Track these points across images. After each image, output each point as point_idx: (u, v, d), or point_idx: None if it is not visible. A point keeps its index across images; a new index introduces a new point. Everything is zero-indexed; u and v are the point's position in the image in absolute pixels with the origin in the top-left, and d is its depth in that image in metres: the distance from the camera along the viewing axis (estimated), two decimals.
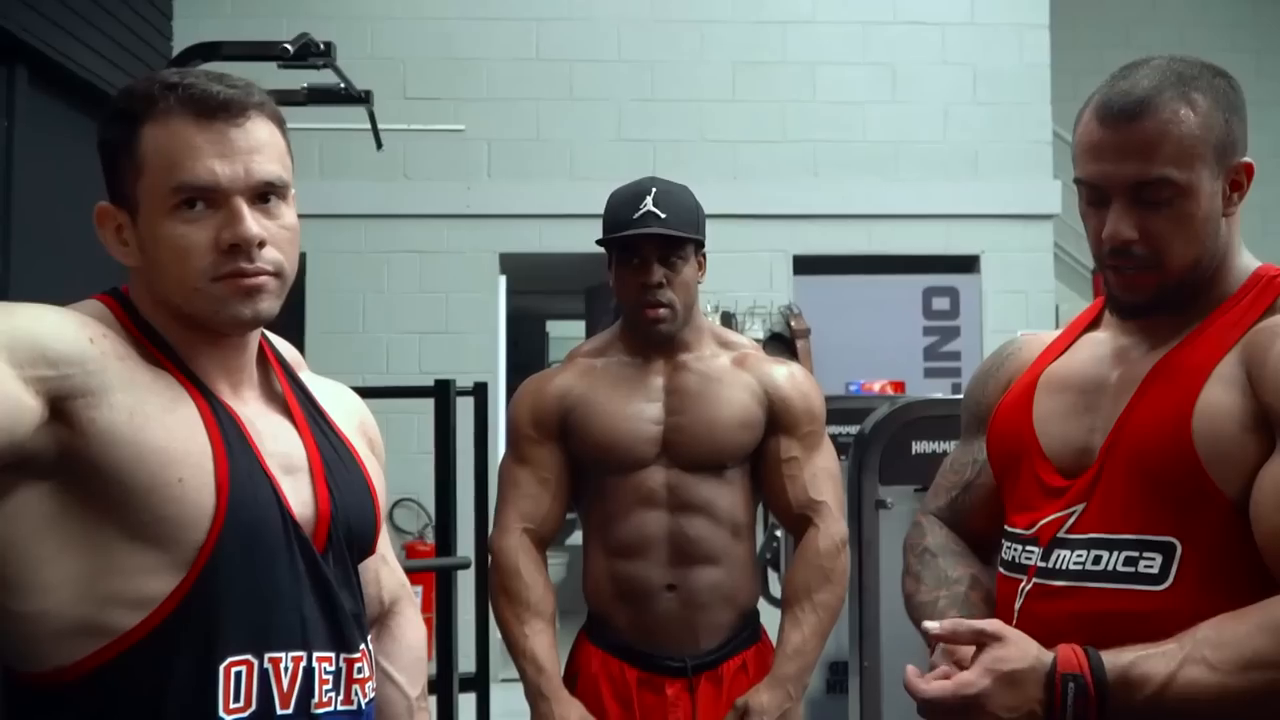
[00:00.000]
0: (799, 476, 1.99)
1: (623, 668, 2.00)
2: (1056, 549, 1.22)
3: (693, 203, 2.02)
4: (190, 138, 1.04)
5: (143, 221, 1.07)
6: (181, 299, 1.08)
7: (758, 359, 2.08)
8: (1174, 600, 1.13)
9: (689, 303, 2.00)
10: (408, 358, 5.66)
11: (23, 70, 2.94)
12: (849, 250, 5.96)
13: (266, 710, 1.06)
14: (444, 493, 3.13)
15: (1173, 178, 1.16)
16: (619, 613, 2.01)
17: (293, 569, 1.10)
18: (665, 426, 2.00)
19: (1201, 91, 1.18)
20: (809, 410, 2.03)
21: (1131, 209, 1.18)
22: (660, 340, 2.02)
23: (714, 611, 1.99)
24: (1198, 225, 1.18)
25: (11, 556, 1.00)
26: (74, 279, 1.24)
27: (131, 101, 1.07)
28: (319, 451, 1.17)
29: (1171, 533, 1.15)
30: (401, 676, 1.34)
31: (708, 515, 1.98)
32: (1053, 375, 1.32)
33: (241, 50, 3.17)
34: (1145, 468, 1.17)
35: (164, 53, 3.59)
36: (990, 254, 5.96)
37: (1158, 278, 1.19)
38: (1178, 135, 1.16)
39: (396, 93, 5.61)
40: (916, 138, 5.98)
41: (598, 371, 2.06)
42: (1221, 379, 1.14)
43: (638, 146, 5.81)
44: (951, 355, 5.91)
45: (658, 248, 1.96)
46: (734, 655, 2.01)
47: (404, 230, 5.74)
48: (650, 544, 1.97)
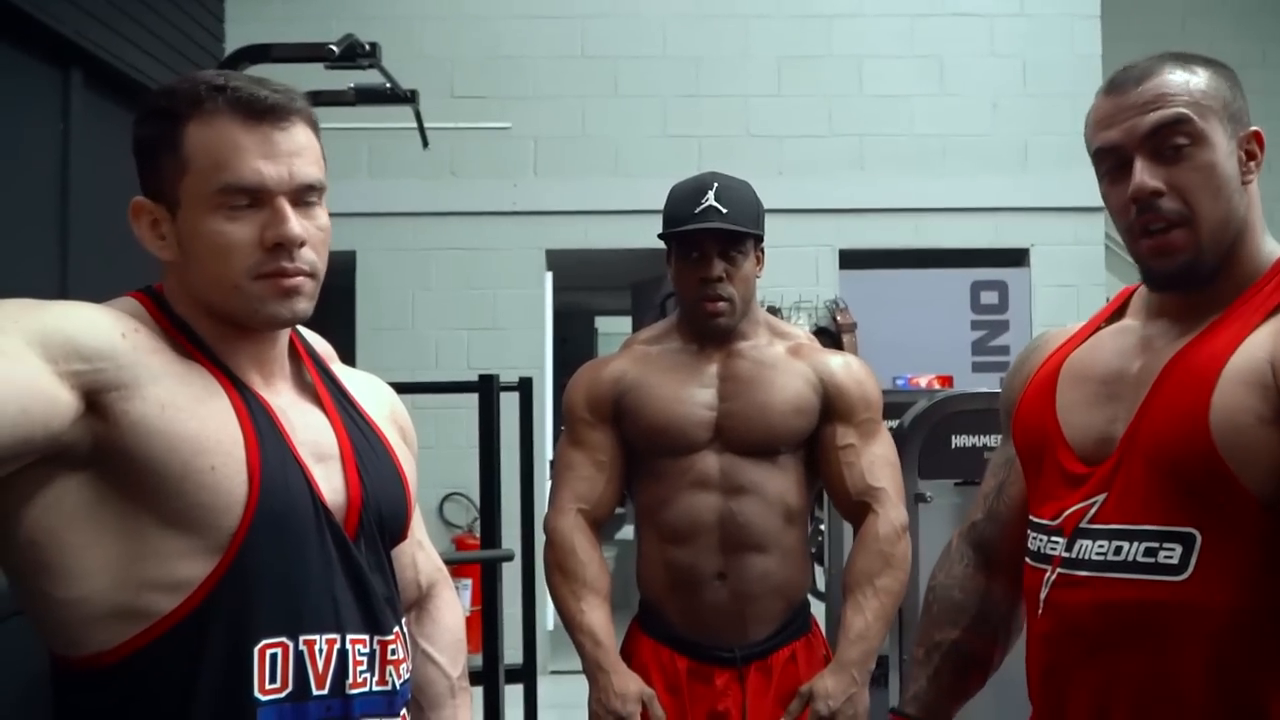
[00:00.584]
0: (856, 463, 2.00)
1: (673, 657, 2.01)
2: (1080, 539, 1.22)
3: (753, 198, 2.04)
4: (237, 138, 1.07)
5: (184, 218, 1.10)
6: (220, 295, 1.11)
7: (812, 349, 2.09)
8: (1194, 591, 1.14)
9: (748, 297, 2.03)
10: (456, 354, 5.72)
11: (78, 73, 3.01)
12: (896, 244, 5.93)
13: (302, 691, 1.09)
14: (488, 486, 3.16)
15: (1192, 120, 1.17)
16: (670, 601, 2.02)
17: (324, 553, 1.13)
18: (719, 412, 2.01)
19: (1203, 65, 1.22)
20: (865, 398, 2.03)
21: (1154, 162, 1.17)
22: (718, 334, 2.03)
23: (764, 601, 2.00)
24: (1220, 178, 1.17)
25: (50, 544, 1.03)
26: (131, 279, 1.26)
27: (174, 100, 1.10)
28: (350, 440, 1.20)
29: (1191, 524, 1.14)
30: (442, 657, 1.38)
31: (760, 499, 1.99)
32: (1074, 365, 1.31)
33: (290, 52, 3.23)
34: (1164, 460, 1.16)
35: (216, 54, 3.65)
36: (1040, 247, 5.90)
37: (1191, 236, 1.18)
38: (1187, 87, 1.19)
39: (443, 91, 5.66)
40: (965, 131, 5.93)
41: (653, 357, 2.08)
42: (1241, 370, 1.13)
43: (683, 142, 5.81)
44: (1000, 350, 5.85)
45: (718, 243, 1.97)
46: (784, 646, 2.02)
47: (451, 228, 5.79)
48: (701, 529, 1.98)
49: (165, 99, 1.11)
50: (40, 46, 2.88)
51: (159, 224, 1.11)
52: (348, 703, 1.12)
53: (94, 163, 3.06)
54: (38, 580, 1.04)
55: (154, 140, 1.10)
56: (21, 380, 0.95)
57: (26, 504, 1.02)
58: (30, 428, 0.95)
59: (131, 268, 3.25)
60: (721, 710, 1.98)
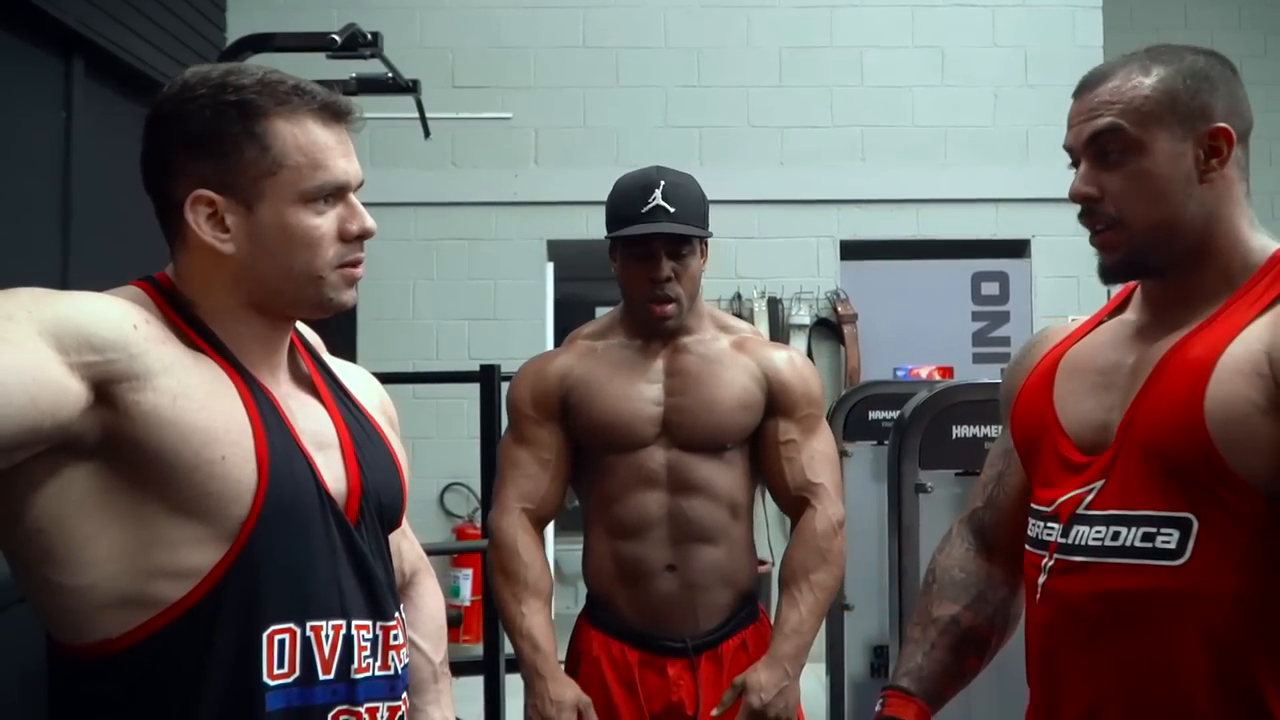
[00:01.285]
0: (797, 459, 2.01)
1: (624, 650, 2.02)
2: (1076, 525, 1.23)
3: (700, 195, 2.02)
4: (324, 138, 1.13)
5: (267, 212, 1.11)
6: (293, 286, 1.14)
7: (757, 343, 2.10)
8: (1191, 576, 1.15)
9: (694, 294, 2.02)
10: (457, 344, 5.73)
11: (79, 62, 3.01)
12: (897, 235, 5.93)
13: (309, 676, 1.10)
14: (490, 475, 3.17)
15: (1123, 126, 1.21)
16: (620, 594, 2.03)
17: (329, 541, 1.15)
18: (665, 407, 2.01)
19: (1165, 63, 1.23)
20: (807, 393, 2.04)
21: (1093, 167, 1.24)
22: (665, 333, 2.03)
23: (713, 592, 2.01)
24: (1157, 185, 1.21)
25: (58, 533, 1.03)
26: (132, 267, 1.27)
27: (252, 95, 1.10)
28: (347, 428, 1.22)
29: (1188, 509, 1.15)
30: (426, 644, 1.41)
31: (707, 495, 2.00)
32: (1073, 357, 1.34)
33: (292, 41, 3.23)
34: (1160, 448, 1.18)
35: (217, 44, 3.66)
36: (1041, 238, 5.89)
37: (1124, 236, 1.23)
38: (1130, 94, 1.22)
39: (444, 81, 5.66)
40: (966, 122, 5.93)
41: (599, 353, 2.07)
42: (1238, 360, 1.14)
43: (684, 133, 5.81)
44: (1001, 340, 5.86)
45: (667, 243, 1.96)
46: (734, 634, 2.03)
47: (452, 218, 5.79)
48: (650, 524, 1.99)
49: (236, 92, 1.10)
50: (43, 36, 2.88)
51: (221, 216, 1.11)
52: (353, 687, 1.13)
53: (96, 151, 3.06)
54: (44, 568, 1.05)
55: (232, 134, 1.10)
56: (30, 370, 0.96)
57: (34, 492, 1.03)
58: (38, 417, 0.96)
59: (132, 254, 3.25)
60: (676, 701, 1.99)
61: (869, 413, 3.37)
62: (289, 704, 1.09)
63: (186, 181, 1.10)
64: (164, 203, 1.13)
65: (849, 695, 3.35)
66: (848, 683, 3.35)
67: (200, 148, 1.10)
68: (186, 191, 1.10)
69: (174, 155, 1.11)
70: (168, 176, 1.12)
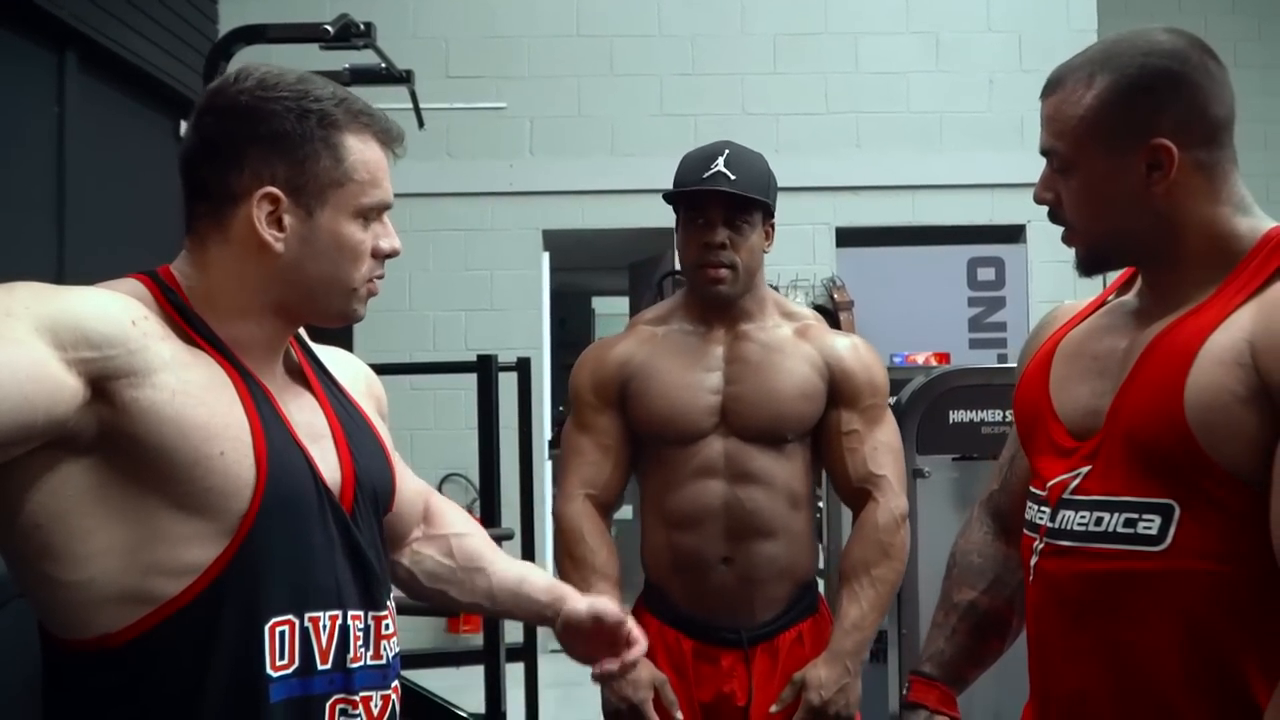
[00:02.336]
0: (859, 450, 1.97)
1: (679, 638, 2.00)
2: (1062, 509, 1.25)
3: (765, 169, 2.00)
4: (382, 160, 1.20)
5: (326, 218, 1.15)
6: (327, 293, 1.17)
7: (821, 330, 2.05)
8: (1172, 562, 1.15)
9: (752, 268, 1.98)
10: (454, 335, 5.73)
11: (73, 56, 3.01)
12: (892, 221, 5.93)
13: (308, 666, 1.12)
14: (488, 465, 3.17)
15: (1058, 150, 1.25)
16: (675, 583, 2.01)
17: (326, 532, 1.16)
18: (724, 396, 1.98)
19: (1112, 72, 1.22)
20: (871, 383, 2.00)
21: (1050, 173, 1.27)
22: (719, 302, 1.99)
23: (770, 584, 1.98)
24: (1097, 200, 1.24)
25: (55, 528, 1.04)
26: (127, 259, 1.27)
27: (329, 106, 1.15)
28: (338, 419, 1.23)
29: (1169, 496, 1.16)
30: (469, 527, 1.49)
31: (765, 486, 1.96)
32: (1070, 341, 1.35)
33: (285, 33, 3.22)
34: (1142, 436, 1.19)
35: (210, 36, 3.65)
36: (1037, 223, 5.88)
37: (1077, 240, 1.28)
38: (1065, 113, 1.24)
39: (439, 72, 5.65)
40: (961, 107, 5.93)
41: (659, 339, 2.04)
42: (1220, 348, 1.15)
43: (680, 121, 5.81)
44: (997, 326, 5.86)
45: (724, 208, 1.93)
46: (790, 627, 2.00)
47: (448, 209, 5.79)
48: (707, 515, 1.96)
49: (317, 101, 1.14)
50: (36, 30, 2.88)
51: (279, 216, 1.13)
52: (349, 676, 1.15)
53: (89, 145, 3.06)
54: (42, 563, 1.05)
55: (308, 139, 1.13)
56: (26, 367, 0.96)
57: (32, 488, 1.03)
58: (32, 414, 0.96)
59: (127, 247, 3.26)
60: (727, 692, 1.97)
61: None
62: (290, 694, 1.10)
63: (254, 177, 1.12)
64: (220, 192, 1.13)
65: None
66: None
67: (281, 147, 1.13)
68: (254, 186, 1.12)
69: (248, 148, 1.12)
70: (235, 168, 1.12)
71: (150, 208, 3.16)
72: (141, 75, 3.30)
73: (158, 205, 3.39)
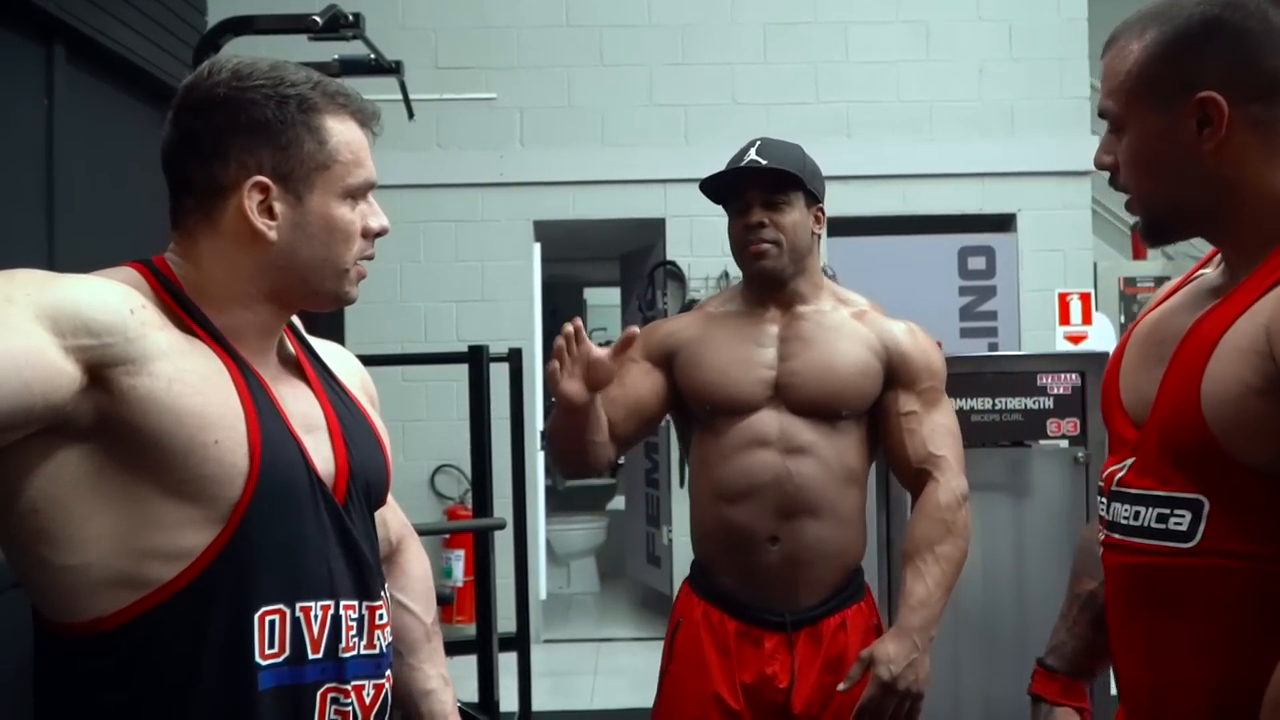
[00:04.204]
0: (918, 431, 2.00)
1: (723, 618, 2.02)
2: (1113, 501, 1.25)
3: (799, 154, 2.05)
4: (363, 139, 1.21)
5: (315, 203, 1.16)
6: (320, 276, 1.18)
7: (877, 315, 2.09)
8: (1202, 558, 1.13)
9: (797, 246, 2.02)
10: (445, 326, 5.73)
11: (60, 49, 2.99)
12: (883, 211, 5.93)
13: (299, 656, 1.13)
14: (479, 455, 3.18)
15: (1110, 109, 1.20)
16: (722, 561, 2.03)
17: (319, 522, 1.17)
18: (779, 371, 2.01)
19: (1163, 24, 1.16)
20: (929, 366, 2.04)
21: (1109, 136, 1.22)
22: (769, 280, 2.03)
23: (818, 567, 1.99)
24: (1148, 161, 1.18)
25: (51, 512, 1.05)
26: (117, 252, 1.27)
27: (304, 90, 1.16)
28: (334, 411, 1.25)
29: (1198, 491, 1.13)
30: (417, 605, 1.45)
31: (817, 459, 1.98)
32: (1146, 324, 1.31)
33: (273, 24, 3.21)
34: (1168, 431, 1.16)
35: (198, 27, 3.64)
36: (1027, 212, 5.91)
37: (1136, 207, 1.22)
38: (1116, 69, 1.19)
39: (427, 63, 5.64)
40: (951, 96, 5.93)
41: (715, 318, 2.10)
42: (1239, 337, 1.10)
43: (670, 111, 5.80)
44: (988, 315, 5.88)
45: (759, 190, 1.99)
46: (835, 613, 2.01)
47: (438, 200, 5.78)
48: (758, 488, 1.97)
49: (292, 87, 1.15)
50: (23, 22, 2.86)
51: (270, 205, 1.14)
52: (341, 665, 1.16)
53: (78, 137, 3.05)
54: (37, 547, 1.06)
55: (289, 124, 1.14)
56: (23, 354, 0.97)
57: (28, 473, 1.04)
58: (30, 400, 0.97)
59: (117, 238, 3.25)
60: (770, 674, 1.99)
61: None
62: (280, 683, 1.11)
63: (240, 168, 1.13)
64: (207, 185, 1.14)
65: None
66: None
67: (264, 136, 1.13)
68: (241, 177, 1.13)
69: (231, 140, 1.13)
70: (220, 160, 1.13)
71: (140, 199, 3.16)
72: (130, 67, 3.29)
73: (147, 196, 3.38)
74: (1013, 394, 2.32)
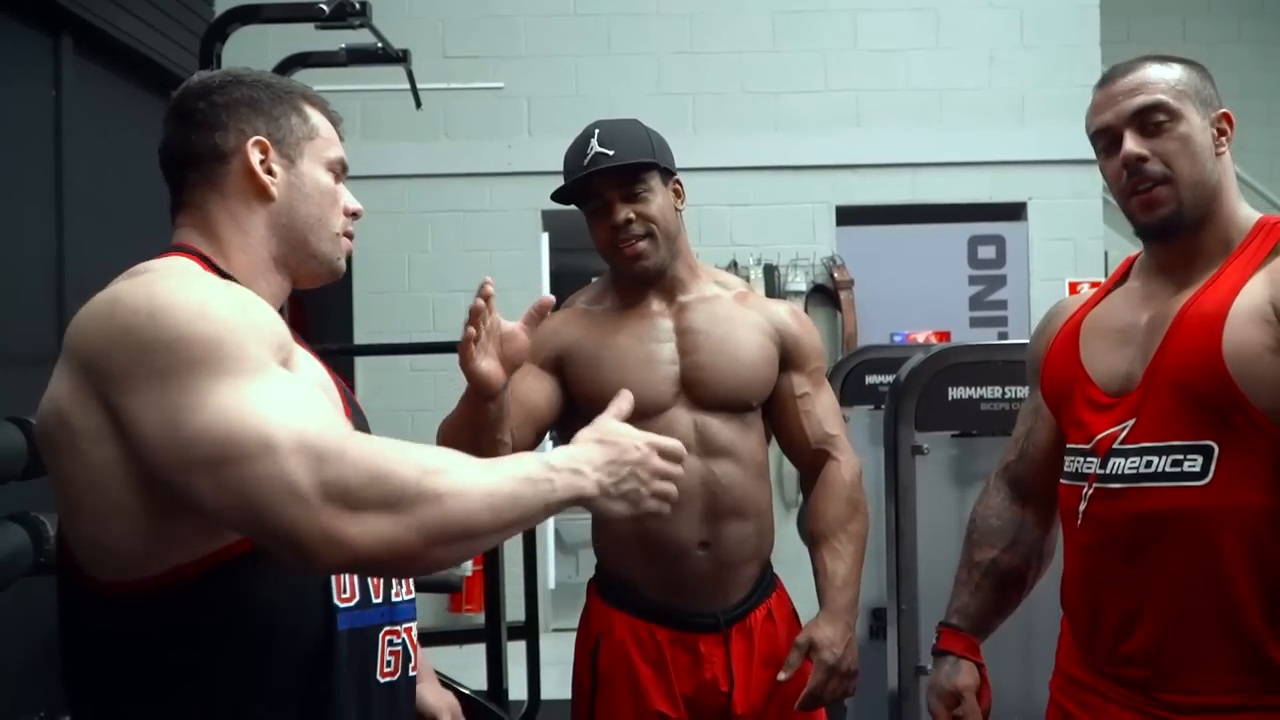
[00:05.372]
0: (814, 412, 1.97)
1: (651, 630, 1.94)
2: (1113, 458, 1.46)
3: (642, 132, 1.95)
4: (334, 131, 1.33)
5: (305, 167, 1.27)
6: (315, 238, 1.27)
7: (758, 297, 2.04)
8: (1214, 495, 1.37)
9: (669, 231, 1.91)
10: (454, 316, 5.72)
11: (68, 40, 2.99)
12: (893, 200, 5.92)
13: (365, 600, 1.22)
14: None
15: (1168, 102, 1.45)
16: (644, 572, 1.94)
17: None
18: (683, 366, 1.93)
19: (1178, 62, 1.50)
20: (815, 346, 2.01)
21: (1140, 136, 1.45)
22: (649, 277, 1.93)
23: (745, 566, 1.96)
24: (1195, 145, 1.45)
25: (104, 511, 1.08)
26: (127, 242, 1.28)
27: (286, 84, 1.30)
28: (333, 375, 1.30)
29: (1210, 437, 1.37)
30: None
31: (736, 460, 1.93)
32: (1093, 320, 1.57)
33: (279, 13, 3.20)
34: (1186, 387, 1.40)
35: (206, 17, 3.63)
36: (1037, 201, 5.89)
37: (1172, 191, 1.44)
38: (1165, 77, 1.47)
39: (435, 52, 5.62)
40: (961, 84, 5.90)
41: (598, 316, 1.98)
42: (1246, 310, 1.37)
43: (678, 100, 5.79)
44: (998, 304, 5.86)
45: (615, 185, 1.88)
46: (759, 604, 1.98)
47: (446, 190, 5.78)
48: (682, 496, 1.81)
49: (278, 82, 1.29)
50: (31, 13, 2.86)
51: (269, 165, 1.24)
52: (393, 609, 1.25)
53: (86, 127, 3.05)
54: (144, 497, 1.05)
55: (280, 104, 1.27)
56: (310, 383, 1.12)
57: None
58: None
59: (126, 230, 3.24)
60: (709, 679, 1.93)
61: (866, 377, 3.37)
62: (353, 625, 1.19)
63: (239, 134, 1.23)
64: (209, 154, 1.22)
65: None
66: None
67: (256, 109, 1.25)
68: (241, 140, 1.23)
69: (230, 113, 1.23)
70: (222, 129, 1.23)
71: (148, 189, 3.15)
72: (138, 58, 3.29)
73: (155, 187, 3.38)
74: (1022, 383, 2.31)
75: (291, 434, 0.99)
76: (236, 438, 0.99)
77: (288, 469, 0.98)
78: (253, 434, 0.99)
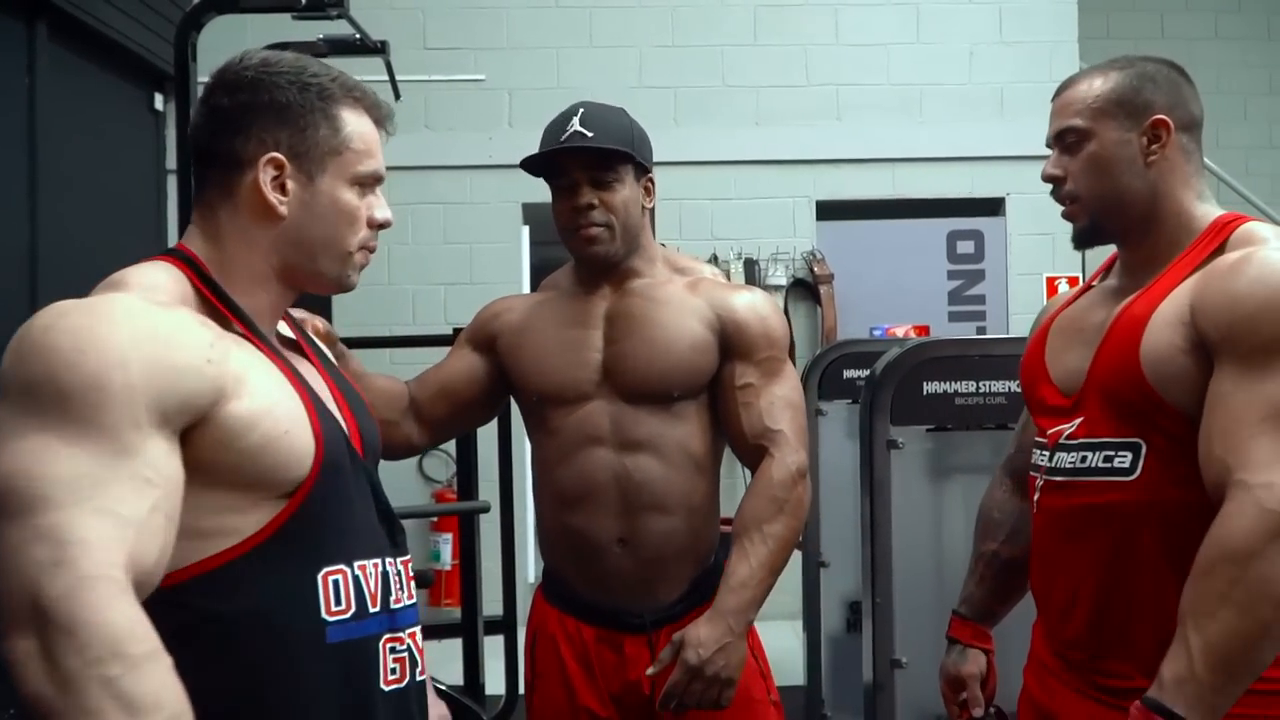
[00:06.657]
0: (755, 404, 1.85)
1: (579, 627, 1.90)
2: (1059, 452, 1.54)
3: (626, 123, 1.91)
4: (375, 134, 1.28)
5: (325, 184, 1.23)
6: (324, 256, 1.25)
7: (714, 284, 1.94)
8: (1140, 489, 1.43)
9: (630, 226, 1.87)
10: (434, 309, 5.71)
11: (43, 27, 2.96)
12: (873, 195, 5.93)
13: (362, 611, 1.20)
14: (464, 438, 3.17)
15: (1076, 125, 1.53)
16: (571, 568, 1.91)
17: (360, 487, 1.25)
18: (605, 355, 1.88)
19: (1120, 69, 1.54)
20: (767, 335, 1.88)
21: (1058, 155, 1.57)
22: (598, 264, 1.89)
23: (672, 565, 1.87)
24: (1104, 165, 1.52)
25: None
26: (100, 228, 1.27)
27: (324, 80, 1.24)
28: (332, 379, 1.31)
29: (1137, 435, 1.44)
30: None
31: (657, 453, 1.85)
32: (1062, 320, 1.64)
33: (258, 2, 3.18)
34: (1111, 389, 1.47)
35: (182, 5, 3.60)
36: (1016, 196, 5.91)
37: (1078, 209, 1.55)
38: (1084, 96, 1.54)
39: (415, 43, 5.60)
40: (942, 79, 5.92)
41: (544, 300, 1.96)
42: (1168, 313, 1.42)
43: (659, 93, 5.78)
44: (976, 299, 5.89)
45: (586, 167, 1.85)
46: (697, 606, 1.85)
47: (427, 182, 5.75)
48: (597, 490, 1.85)
49: (314, 77, 1.23)
50: (5, 0, 2.84)
51: (283, 181, 1.21)
52: (393, 616, 1.24)
53: (61, 116, 3.02)
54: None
55: (308, 109, 1.22)
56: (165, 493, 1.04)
57: None
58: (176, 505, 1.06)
59: (99, 217, 3.22)
60: (634, 680, 1.87)
61: (844, 371, 3.38)
62: (347, 636, 1.18)
63: (259, 144, 1.20)
64: (228, 158, 1.21)
65: (825, 651, 3.39)
66: (824, 638, 3.38)
67: (283, 116, 1.21)
68: (259, 152, 1.20)
69: (253, 118, 1.20)
70: (241, 136, 1.20)
71: (122, 177, 3.13)
72: (113, 45, 3.26)
73: (129, 175, 3.36)
74: (998, 377, 2.32)
75: (57, 529, 0.95)
76: (7, 494, 0.97)
77: (31, 557, 0.94)
78: (24, 501, 0.96)
